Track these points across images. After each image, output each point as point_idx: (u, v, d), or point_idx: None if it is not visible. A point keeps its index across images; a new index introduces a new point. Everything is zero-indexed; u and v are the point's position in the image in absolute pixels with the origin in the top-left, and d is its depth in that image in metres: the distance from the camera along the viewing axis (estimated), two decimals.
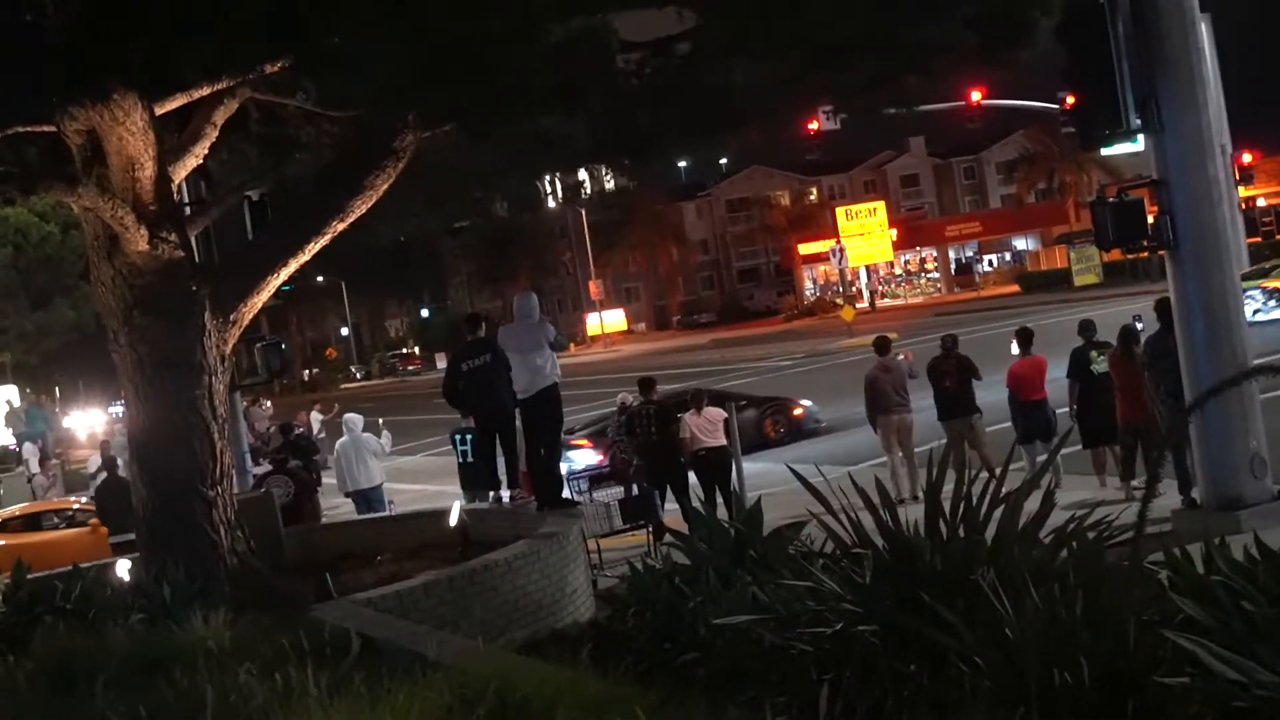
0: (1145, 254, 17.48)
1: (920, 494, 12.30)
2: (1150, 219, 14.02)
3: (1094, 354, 17.35)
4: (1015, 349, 18.96)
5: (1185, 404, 13.91)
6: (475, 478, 20.85)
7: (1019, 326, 19.92)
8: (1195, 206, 13.49)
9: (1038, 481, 8.29)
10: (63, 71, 11.10)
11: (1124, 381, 16.38)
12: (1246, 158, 68.97)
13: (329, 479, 24.96)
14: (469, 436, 21.13)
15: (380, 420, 26.71)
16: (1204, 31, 13.86)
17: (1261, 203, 76.61)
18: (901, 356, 20.56)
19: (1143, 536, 6.31)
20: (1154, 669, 5.83)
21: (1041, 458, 14.91)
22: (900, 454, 19.35)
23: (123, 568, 13.69)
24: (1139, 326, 17.30)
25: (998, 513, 7.61)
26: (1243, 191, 63.09)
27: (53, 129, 12.68)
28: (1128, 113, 13.47)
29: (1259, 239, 70.48)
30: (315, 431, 32.15)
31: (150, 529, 13.27)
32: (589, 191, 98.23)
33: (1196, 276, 13.64)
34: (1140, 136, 13.89)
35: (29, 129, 13.09)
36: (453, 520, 15.12)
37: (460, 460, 21.22)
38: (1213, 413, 13.20)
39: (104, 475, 24.49)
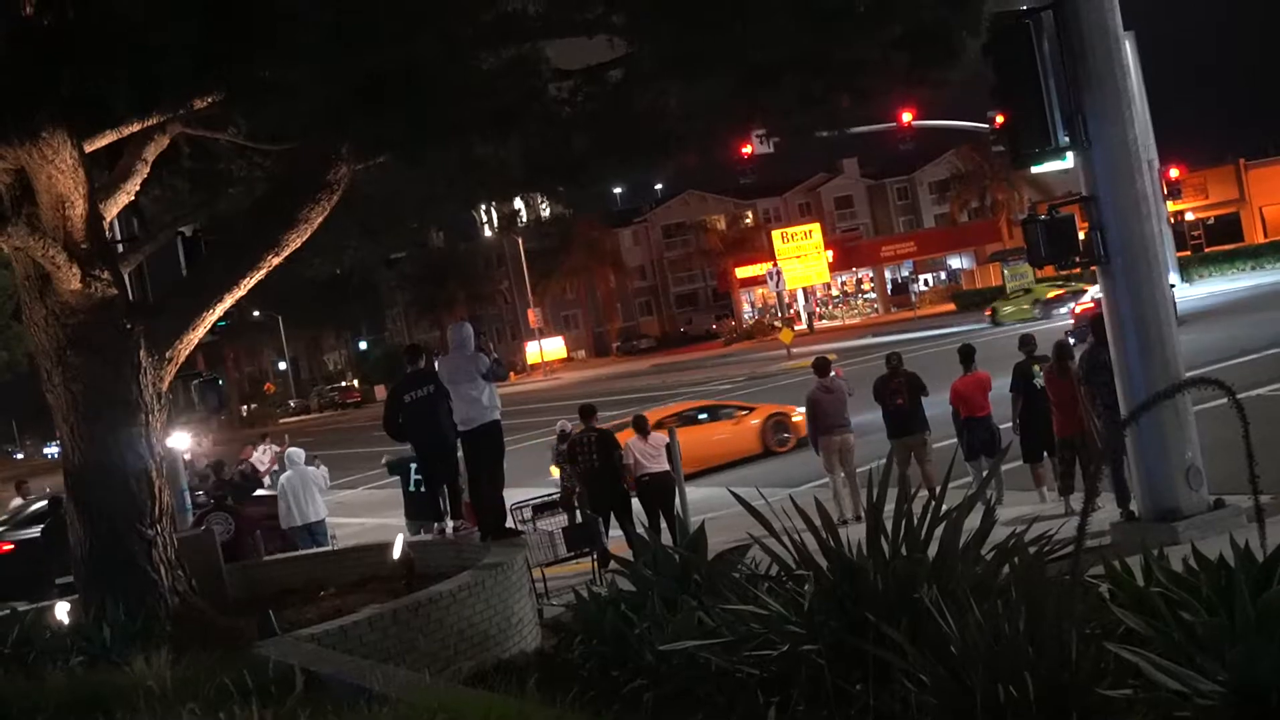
0: (1077, 269, 17.66)
1: (863, 514, 12.33)
2: (1081, 235, 14.15)
3: (1036, 368, 17.49)
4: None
5: (1121, 417, 14.04)
6: (422, 508, 20.82)
7: (961, 344, 20.04)
8: (1125, 221, 13.64)
9: (979, 498, 8.35)
10: None
11: (1059, 396, 16.51)
12: (1174, 173, 69.79)
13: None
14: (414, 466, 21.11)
15: (315, 456, 26.55)
16: (1128, 49, 14.06)
17: (1190, 216, 77.61)
18: (833, 373, 20.55)
19: (1082, 550, 6.36)
20: (1097, 681, 5.88)
21: (985, 474, 15.02)
22: (843, 474, 19.42)
23: (61, 610, 13.52)
24: (1071, 341, 17.45)
25: (939, 530, 7.66)
26: (1171, 206, 63.95)
27: None
28: (1056, 129, 13.60)
29: (1188, 252, 71.41)
30: (267, 465, 31.84)
31: (89, 569, 13.10)
32: (525, 220, 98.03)
33: (1128, 290, 13.78)
34: (1069, 153, 14.02)
35: None
36: (396, 553, 15.03)
37: (409, 489, 21.15)
38: (1148, 425, 13.32)
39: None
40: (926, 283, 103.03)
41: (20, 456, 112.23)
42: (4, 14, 11.15)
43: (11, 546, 23.78)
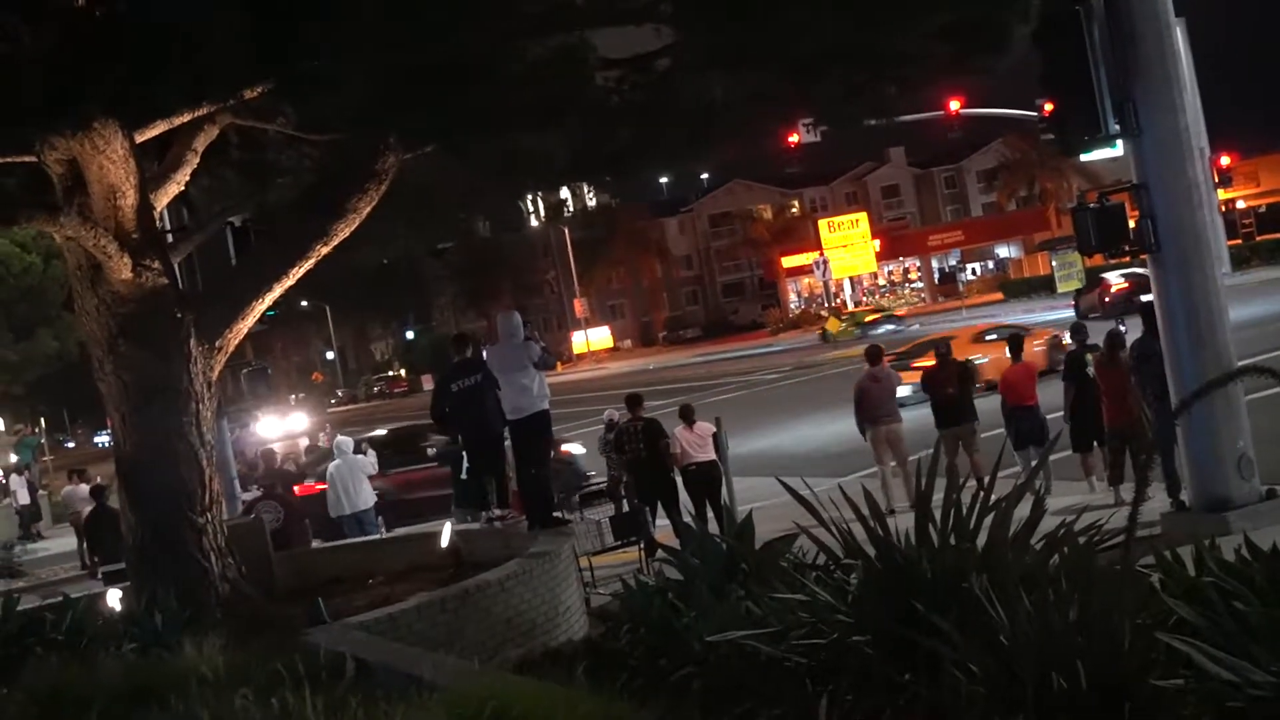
0: (1127, 258, 17.53)
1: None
2: (1131, 223, 14.06)
3: (1089, 357, 17.39)
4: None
5: (1172, 406, 13.95)
6: (471, 496, 20.89)
7: (1010, 333, 19.97)
8: (1175, 209, 13.55)
9: (1028, 487, 8.31)
10: (42, 101, 11.08)
11: (1110, 386, 16.41)
12: (1225, 160, 69.15)
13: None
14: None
15: (363, 440, 26.72)
16: (1179, 35, 13.94)
17: (1241, 205, 76.94)
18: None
19: (1133, 540, 6.33)
20: (1148, 671, 5.85)
21: (1034, 463, 14.95)
22: (892, 464, 19.35)
23: (113, 597, 13.64)
24: (1123, 330, 17.35)
25: (988, 520, 7.63)
26: (1222, 194, 63.36)
27: (33, 159, 12.65)
28: (1106, 117, 13.52)
29: (1239, 241, 70.79)
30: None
31: (140, 557, 13.21)
32: (571, 210, 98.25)
33: (1178, 279, 13.69)
34: (1119, 141, 13.93)
35: (9, 159, 13.07)
36: (444, 541, 15.09)
37: (459, 477, 21.21)
38: (1199, 414, 13.23)
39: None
40: (974, 272, 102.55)
41: (71, 445, 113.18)
42: (57, 5, 11.23)
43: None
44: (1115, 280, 54.19)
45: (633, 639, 9.18)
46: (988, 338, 35.12)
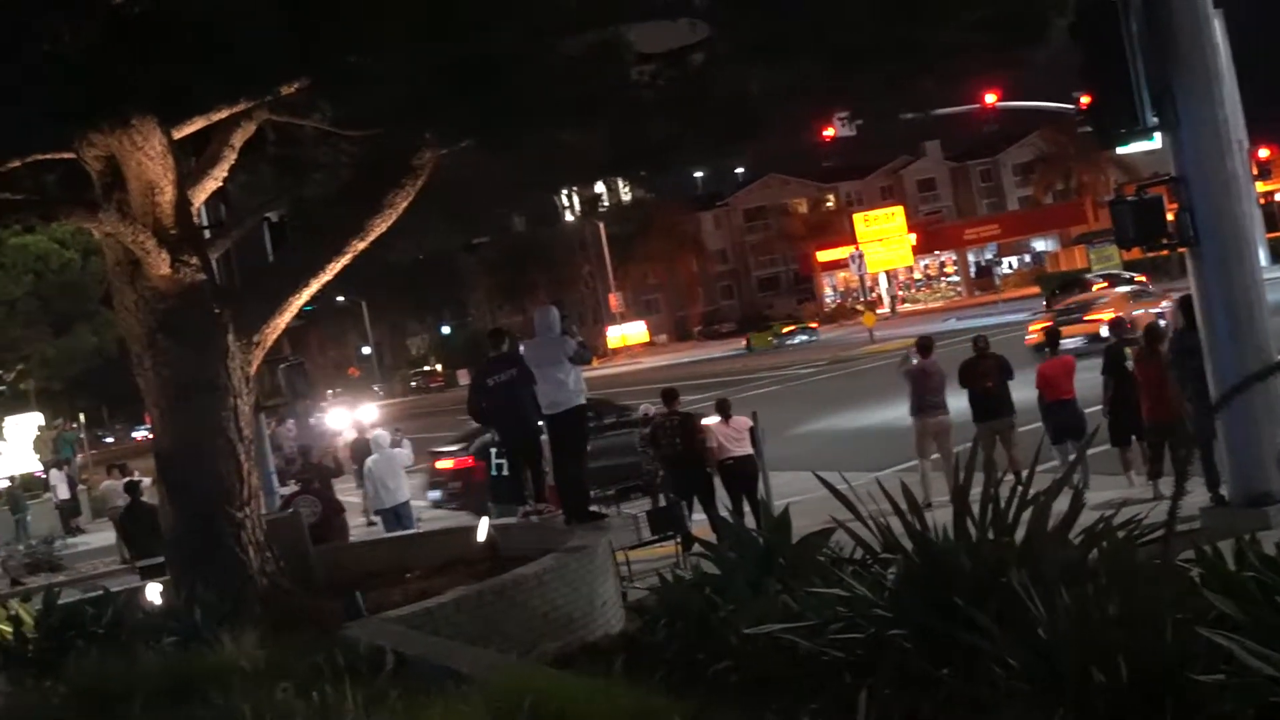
0: (1165, 252, 17.47)
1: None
2: (1169, 216, 13.99)
3: (1128, 351, 17.31)
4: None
5: (1211, 401, 13.87)
6: (506, 491, 20.96)
7: (1046, 326, 19.90)
8: (1214, 202, 13.47)
9: (1066, 481, 8.28)
10: (81, 97, 11.14)
11: (1148, 380, 16.33)
12: (1264, 153, 68.75)
13: (353, 497, 25.08)
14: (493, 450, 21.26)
15: (399, 429, 26.88)
16: (1217, 27, 13.85)
17: (1279, 197, 76.40)
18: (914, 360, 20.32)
19: (1173, 534, 6.29)
20: (1189, 666, 5.81)
21: (1073, 457, 14.88)
22: (934, 457, 19.27)
23: (153, 592, 13.72)
24: (1163, 324, 17.27)
25: (1026, 514, 7.60)
26: (1260, 186, 63.00)
27: (72, 155, 12.74)
28: (1144, 110, 13.45)
29: (1278, 233, 70.29)
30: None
31: (179, 551, 13.29)
32: (606, 204, 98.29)
33: (1218, 272, 13.61)
34: (1157, 134, 13.86)
35: (48, 156, 13.16)
36: (480, 535, 15.14)
37: (494, 473, 21.32)
38: (1238, 409, 13.15)
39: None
40: (1010, 266, 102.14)
41: (110, 440, 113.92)
42: (96, 3, 11.29)
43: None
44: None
45: (670, 633, 9.18)
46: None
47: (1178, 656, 5.87)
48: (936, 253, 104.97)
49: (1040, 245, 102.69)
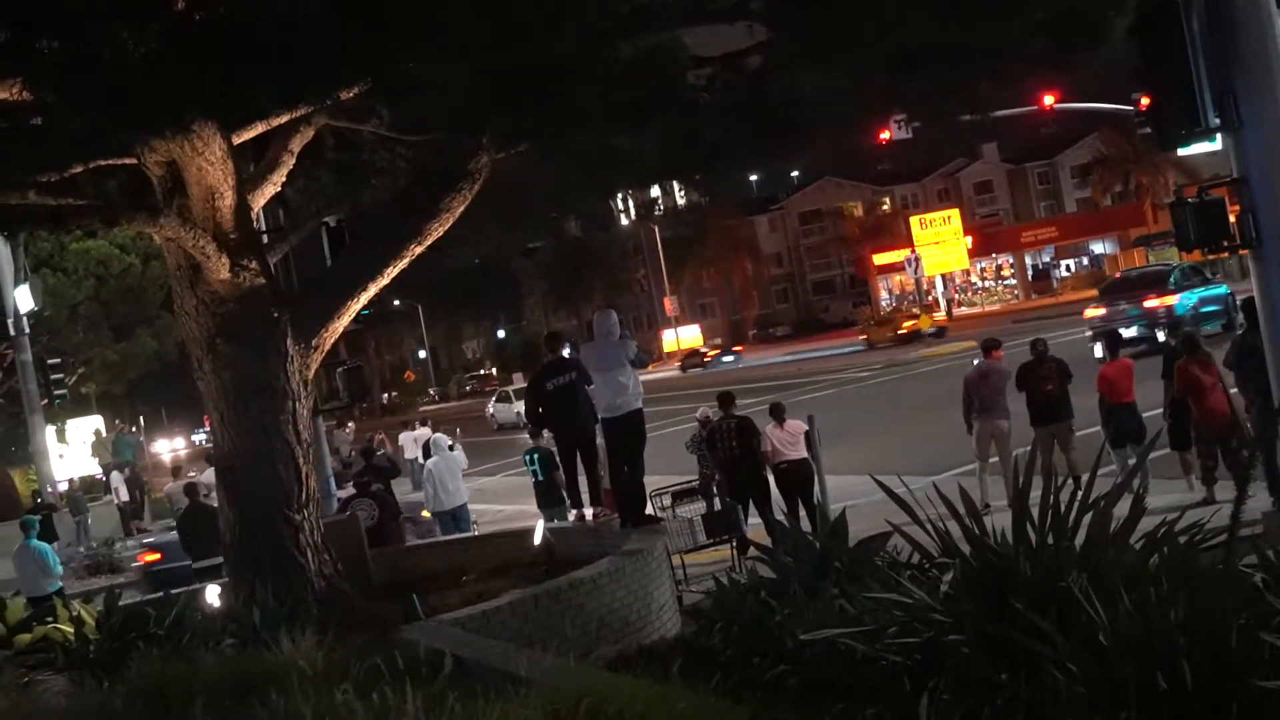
0: (1226, 254, 17.26)
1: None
2: (1231, 218, 13.84)
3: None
4: (1099, 352, 18.82)
5: (1273, 403, 13.72)
6: (550, 496, 21.08)
7: (1108, 330, 19.74)
8: (1277, 203, 13.31)
9: (1127, 486, 8.21)
10: (143, 104, 11.25)
11: (1190, 386, 16.21)
12: None
13: (412, 497, 25.19)
14: (537, 455, 21.37)
15: (456, 434, 26.99)
16: None
17: None
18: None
19: (1236, 539, 6.23)
20: (1254, 672, 5.76)
21: (1132, 461, 14.76)
22: (993, 460, 19.13)
23: (212, 594, 13.84)
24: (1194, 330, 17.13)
25: (1086, 518, 7.54)
26: None
27: (133, 161, 12.86)
28: (1205, 111, 13.30)
29: None
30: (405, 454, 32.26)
31: (238, 554, 13.39)
32: (661, 208, 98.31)
33: None
34: (1218, 135, 13.71)
35: (110, 162, 13.29)
36: (537, 539, 15.17)
37: (535, 480, 21.51)
38: None
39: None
40: (1068, 268, 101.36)
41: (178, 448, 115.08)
42: (157, 10, 11.39)
43: None
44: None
45: (726, 637, 9.18)
46: None
47: (1242, 662, 5.81)
48: (993, 256, 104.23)
49: (1098, 248, 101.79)
